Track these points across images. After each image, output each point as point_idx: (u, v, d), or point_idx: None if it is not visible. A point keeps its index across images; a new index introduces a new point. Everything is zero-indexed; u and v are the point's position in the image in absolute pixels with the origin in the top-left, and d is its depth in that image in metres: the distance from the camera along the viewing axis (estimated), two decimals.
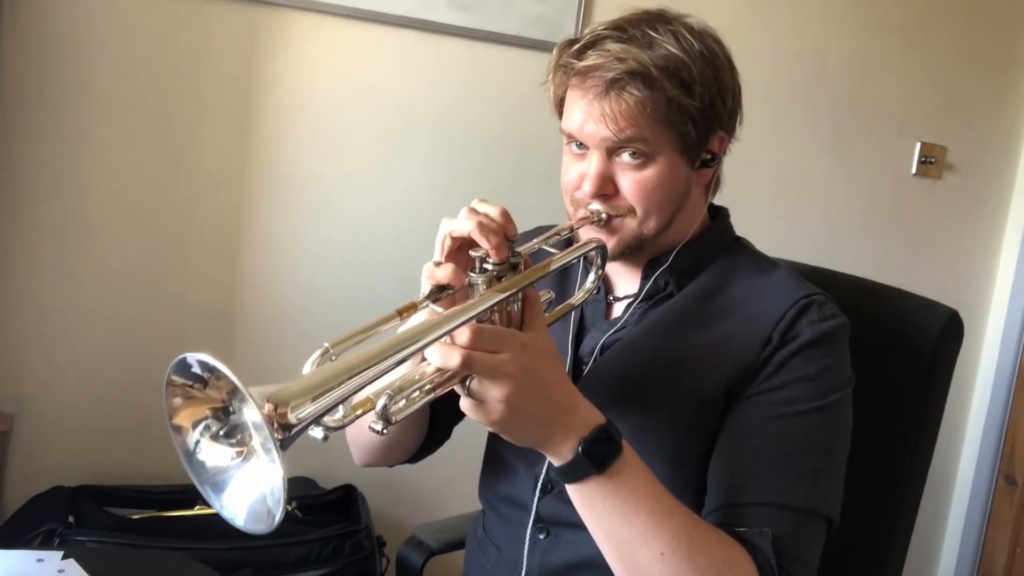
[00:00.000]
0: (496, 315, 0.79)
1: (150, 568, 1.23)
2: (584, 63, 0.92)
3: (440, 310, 0.79)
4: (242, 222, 1.87)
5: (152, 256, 1.83)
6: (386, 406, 0.70)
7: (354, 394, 0.67)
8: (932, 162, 2.23)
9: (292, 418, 0.61)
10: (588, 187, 0.94)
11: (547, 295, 0.91)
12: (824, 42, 2.13)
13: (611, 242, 0.96)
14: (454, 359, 0.72)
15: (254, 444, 0.64)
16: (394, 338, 0.70)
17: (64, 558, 1.06)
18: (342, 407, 0.68)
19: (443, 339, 0.73)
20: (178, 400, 0.63)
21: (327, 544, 1.64)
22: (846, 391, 0.94)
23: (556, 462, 0.81)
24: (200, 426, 0.64)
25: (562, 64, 0.95)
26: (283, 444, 0.60)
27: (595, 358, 1.01)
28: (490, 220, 0.81)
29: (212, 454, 0.65)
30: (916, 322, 1.14)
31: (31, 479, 1.74)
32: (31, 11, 1.70)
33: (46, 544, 1.50)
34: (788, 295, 0.95)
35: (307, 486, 1.88)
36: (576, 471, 0.80)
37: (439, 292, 0.82)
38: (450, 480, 1.65)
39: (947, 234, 2.30)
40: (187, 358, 0.61)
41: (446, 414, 1.05)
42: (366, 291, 1.91)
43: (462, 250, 0.84)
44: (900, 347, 1.14)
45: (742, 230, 1.09)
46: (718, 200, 1.08)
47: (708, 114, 0.93)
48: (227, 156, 1.84)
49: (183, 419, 0.64)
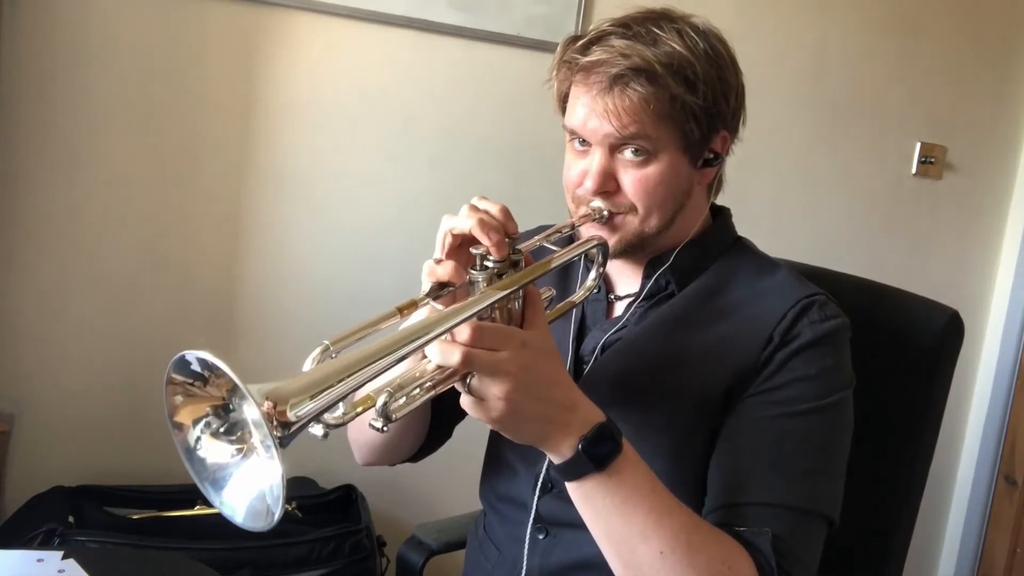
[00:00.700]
0: (497, 313, 0.79)
1: (150, 568, 1.23)
2: (588, 58, 0.92)
3: (441, 307, 0.79)
4: (242, 222, 1.87)
5: (152, 256, 1.83)
6: (386, 403, 0.70)
7: (354, 392, 0.67)
8: (932, 162, 2.23)
9: (291, 416, 0.60)
10: (590, 184, 0.94)
11: (548, 293, 0.91)
12: (824, 42, 2.13)
13: (612, 240, 0.96)
14: (454, 357, 0.72)
15: (254, 441, 0.64)
16: (394, 335, 0.70)
17: (64, 558, 1.05)
18: (342, 404, 0.68)
19: (443, 337, 0.73)
20: (178, 398, 0.63)
21: (327, 544, 1.64)
22: (847, 391, 0.94)
23: (556, 460, 0.81)
24: (200, 423, 0.64)
25: (566, 60, 0.95)
26: (282, 442, 0.60)
27: (596, 357, 1.01)
28: (491, 217, 0.81)
29: (212, 451, 0.64)
30: (916, 322, 1.14)
31: (31, 479, 1.74)
32: (31, 11, 1.70)
33: (46, 544, 1.50)
34: (789, 295, 0.95)
35: (307, 486, 1.88)
36: (576, 469, 0.80)
37: (440, 289, 0.82)
38: (450, 480, 1.65)
39: (947, 234, 2.30)
40: (186, 355, 0.61)
41: (448, 412, 1.05)
42: (366, 291, 1.91)
43: (463, 247, 0.84)
44: (900, 347, 1.14)
45: (742, 230, 1.09)
46: (718, 200, 1.08)
47: (711, 112, 0.94)
48: (227, 156, 1.84)
49: (183, 416, 0.64)
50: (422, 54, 1.90)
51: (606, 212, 0.95)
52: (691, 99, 0.91)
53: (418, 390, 0.74)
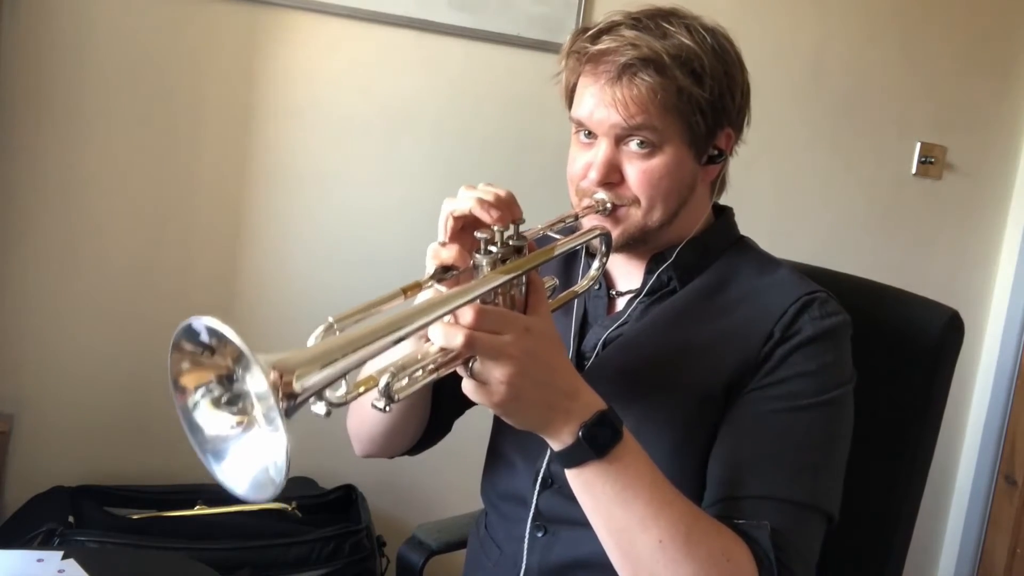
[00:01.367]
0: (500, 298, 0.79)
1: (150, 568, 1.23)
2: (598, 47, 0.93)
3: (444, 290, 0.79)
4: (242, 222, 1.87)
5: (153, 256, 1.83)
6: (389, 384, 0.70)
7: (358, 368, 0.67)
8: (932, 162, 2.23)
9: (297, 387, 0.60)
10: (594, 174, 0.95)
11: (551, 282, 0.92)
12: (824, 42, 2.13)
13: (615, 231, 0.96)
14: (457, 339, 0.72)
15: (255, 414, 0.63)
16: (399, 314, 0.70)
17: (64, 558, 1.06)
18: (345, 383, 0.68)
19: (447, 319, 0.73)
20: (184, 364, 0.63)
21: (327, 544, 1.64)
22: (847, 388, 0.94)
23: (556, 446, 0.81)
24: (202, 388, 0.63)
25: (575, 50, 0.96)
26: (287, 412, 0.60)
27: (597, 353, 1.01)
28: (491, 195, 0.83)
29: (212, 419, 0.64)
30: (916, 322, 1.14)
31: (31, 479, 1.74)
32: (31, 11, 1.71)
33: (46, 544, 1.50)
34: (790, 292, 0.96)
35: (307, 486, 1.88)
36: (576, 455, 0.80)
37: (443, 272, 0.82)
38: (450, 480, 1.65)
39: (947, 234, 2.30)
40: (193, 323, 0.60)
41: (448, 404, 1.06)
42: (366, 290, 1.88)
43: (466, 230, 0.85)
44: (900, 347, 1.13)
45: (741, 229, 1.09)
46: (721, 201, 1.08)
47: (717, 107, 0.94)
48: (227, 155, 1.84)
49: (187, 381, 0.63)
50: (422, 54, 1.90)
51: (609, 204, 0.95)
52: (698, 92, 0.92)
53: (421, 372, 0.74)
